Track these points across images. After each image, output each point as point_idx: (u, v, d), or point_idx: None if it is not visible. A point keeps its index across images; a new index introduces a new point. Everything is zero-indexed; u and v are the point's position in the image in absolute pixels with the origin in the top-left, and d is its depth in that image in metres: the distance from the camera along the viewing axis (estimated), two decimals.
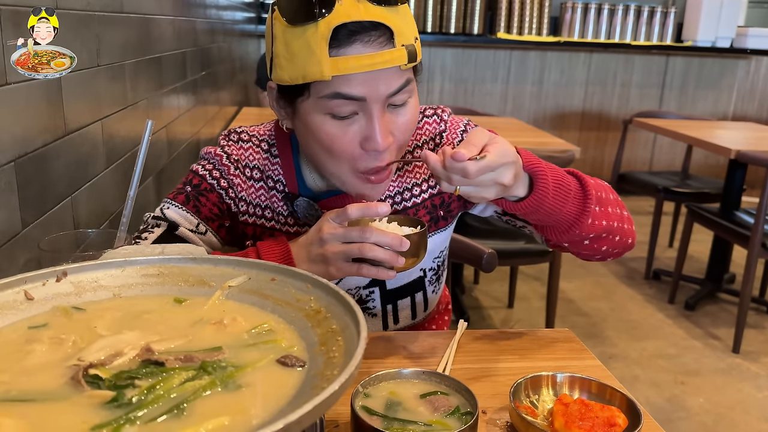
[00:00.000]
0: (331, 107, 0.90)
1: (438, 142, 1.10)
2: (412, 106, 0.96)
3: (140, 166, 0.86)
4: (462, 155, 0.82)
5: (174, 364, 0.57)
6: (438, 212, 1.12)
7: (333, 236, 0.88)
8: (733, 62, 5.28)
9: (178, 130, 2.18)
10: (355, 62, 0.87)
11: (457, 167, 0.83)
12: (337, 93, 0.89)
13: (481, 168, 0.83)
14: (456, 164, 0.83)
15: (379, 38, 0.88)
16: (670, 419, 2.35)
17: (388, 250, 0.86)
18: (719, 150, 3.01)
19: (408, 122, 0.96)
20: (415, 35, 0.93)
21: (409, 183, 1.10)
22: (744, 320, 2.85)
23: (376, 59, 0.87)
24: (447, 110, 1.15)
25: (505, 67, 5.08)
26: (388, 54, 0.88)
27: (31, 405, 0.52)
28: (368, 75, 0.88)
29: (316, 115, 0.92)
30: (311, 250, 0.90)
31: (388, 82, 0.90)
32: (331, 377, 0.52)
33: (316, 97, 0.91)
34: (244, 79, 4.02)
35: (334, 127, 0.92)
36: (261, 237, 1.09)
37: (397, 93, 0.91)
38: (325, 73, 0.87)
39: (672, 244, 4.16)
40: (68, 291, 0.70)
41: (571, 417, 0.74)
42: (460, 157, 0.82)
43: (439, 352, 0.97)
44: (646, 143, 5.38)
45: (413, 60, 0.91)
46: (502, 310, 3.21)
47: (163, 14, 1.94)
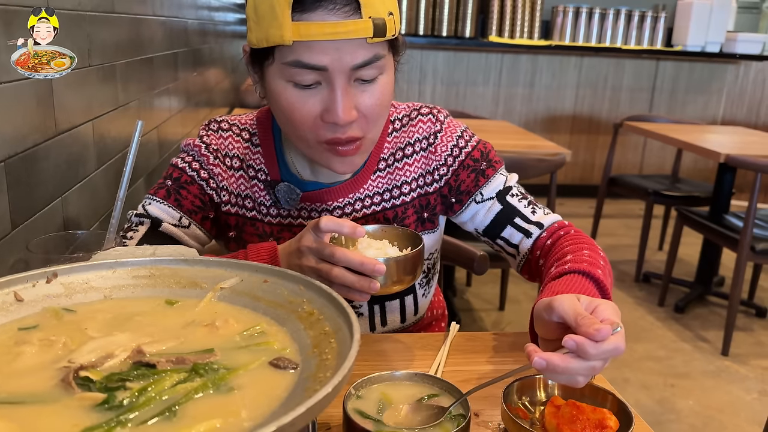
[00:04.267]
0: (293, 75, 0.89)
1: (431, 142, 1.10)
2: (383, 84, 0.93)
3: (130, 167, 0.85)
4: (607, 331, 0.69)
5: (165, 366, 0.57)
6: (424, 213, 1.11)
7: (309, 250, 0.85)
8: (722, 67, 5.32)
9: (170, 131, 2.17)
10: (317, 29, 0.85)
11: (609, 349, 0.69)
12: (298, 61, 0.87)
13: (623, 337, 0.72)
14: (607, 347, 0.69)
15: (344, 7, 0.86)
16: (660, 421, 2.37)
17: (359, 274, 0.81)
18: (709, 154, 3.03)
19: (377, 100, 0.93)
20: (389, 10, 0.90)
21: (398, 180, 1.09)
22: (733, 323, 2.87)
23: (339, 28, 0.85)
24: (444, 111, 1.13)
25: (496, 71, 5.10)
26: (353, 24, 0.86)
27: (21, 407, 0.52)
28: (331, 44, 0.86)
29: (279, 81, 0.91)
30: (291, 259, 0.88)
31: (353, 53, 0.87)
32: (324, 379, 0.52)
33: (279, 62, 0.89)
34: (236, 80, 4.01)
35: (295, 96, 0.90)
36: (243, 227, 1.08)
37: (363, 67, 0.89)
38: (285, 37, 0.85)
39: (662, 247, 4.18)
40: (58, 292, 0.70)
41: (562, 419, 0.74)
42: (605, 334, 0.69)
43: (431, 355, 0.97)
44: (637, 147, 5.41)
45: (381, 34, 0.88)
46: (493, 312, 3.21)
47: (155, 15, 1.94)
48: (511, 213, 1.08)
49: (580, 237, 1.03)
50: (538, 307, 0.81)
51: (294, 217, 1.07)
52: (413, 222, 1.10)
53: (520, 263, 1.10)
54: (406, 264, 0.84)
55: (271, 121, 1.08)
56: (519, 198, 1.10)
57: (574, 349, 0.69)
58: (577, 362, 0.70)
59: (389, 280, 0.83)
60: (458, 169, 1.10)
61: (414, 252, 0.85)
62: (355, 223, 0.83)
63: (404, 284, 0.86)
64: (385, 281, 0.83)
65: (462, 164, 1.10)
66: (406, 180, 1.09)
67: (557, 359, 0.69)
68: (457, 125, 1.13)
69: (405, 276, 0.85)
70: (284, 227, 1.07)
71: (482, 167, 1.10)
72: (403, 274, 0.84)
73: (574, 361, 0.70)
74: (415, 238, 0.90)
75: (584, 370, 0.70)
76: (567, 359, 0.70)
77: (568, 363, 0.70)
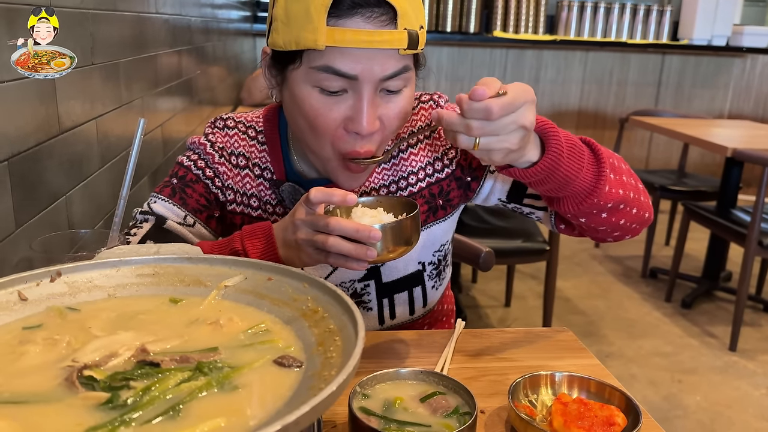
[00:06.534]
0: (321, 80, 0.88)
1: (434, 127, 1.09)
2: (406, 97, 0.93)
3: (132, 165, 0.85)
4: (483, 92, 0.76)
5: (169, 364, 0.57)
6: (437, 201, 1.09)
7: (303, 222, 0.83)
8: (729, 60, 5.29)
9: (174, 129, 2.17)
10: (352, 36, 0.84)
11: (479, 108, 0.76)
12: (328, 66, 0.86)
13: (503, 105, 0.77)
14: (476, 105, 0.76)
15: (381, 16, 0.85)
16: (667, 417, 2.35)
17: (355, 242, 0.80)
18: (715, 148, 3.01)
19: (399, 112, 0.93)
20: (421, 23, 0.90)
21: (404, 171, 1.07)
22: (741, 318, 2.85)
23: (374, 37, 0.84)
24: (444, 96, 1.12)
25: (501, 66, 5.08)
26: (389, 34, 0.85)
27: (25, 407, 0.51)
28: (364, 53, 0.85)
29: (305, 86, 0.90)
30: (286, 235, 0.86)
31: (385, 64, 0.87)
32: (329, 378, 0.51)
33: (307, 66, 0.88)
34: (240, 78, 4.01)
35: (321, 102, 0.89)
36: None
37: (392, 78, 0.89)
38: (319, 41, 0.84)
39: (668, 243, 4.16)
40: (62, 291, 0.70)
41: (569, 416, 0.74)
42: (481, 94, 0.76)
43: (436, 352, 0.96)
44: (643, 141, 5.38)
45: (414, 46, 0.88)
46: (499, 309, 3.21)
47: (158, 12, 1.93)
48: None
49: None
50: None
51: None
52: (424, 212, 1.09)
53: (552, 217, 1.07)
54: (402, 229, 0.82)
55: (278, 119, 1.07)
56: None
57: (457, 102, 0.79)
58: (457, 117, 0.79)
59: (386, 248, 0.81)
60: None
61: (409, 217, 0.83)
62: (345, 191, 0.81)
63: (401, 252, 0.84)
64: (382, 248, 0.81)
65: None
66: (412, 170, 1.08)
67: (444, 113, 0.81)
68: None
69: (401, 242, 0.83)
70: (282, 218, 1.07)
71: None
72: (399, 240, 0.82)
73: (455, 116, 0.79)
74: (410, 205, 0.88)
75: (460, 125, 0.79)
76: (451, 113, 0.80)
77: (450, 116, 0.80)
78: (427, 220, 1.09)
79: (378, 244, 0.80)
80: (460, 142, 0.81)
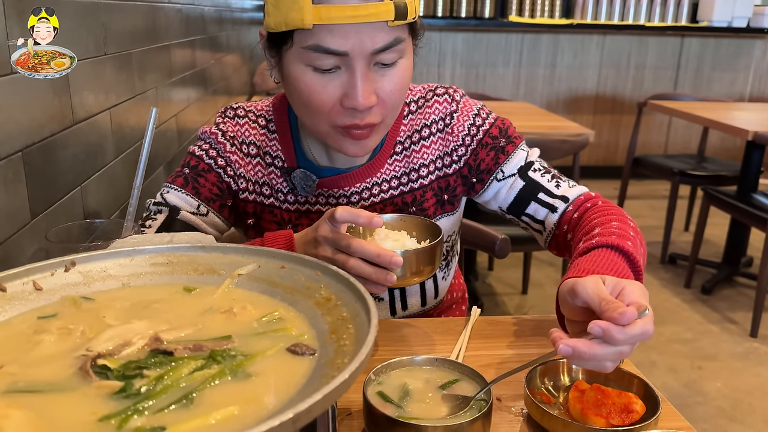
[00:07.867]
0: (312, 59, 0.88)
1: (448, 122, 1.08)
2: (403, 68, 0.92)
3: (146, 155, 0.85)
4: (633, 314, 0.67)
5: (183, 353, 0.57)
6: (443, 195, 1.10)
7: (325, 240, 0.84)
8: (749, 42, 5.18)
9: (188, 119, 2.18)
10: (338, 12, 0.84)
11: (637, 334, 0.67)
12: (318, 45, 0.86)
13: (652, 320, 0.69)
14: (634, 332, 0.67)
15: None
16: (687, 404, 2.33)
17: (376, 266, 0.80)
18: (736, 132, 2.96)
19: (396, 85, 0.92)
20: None
21: (416, 163, 1.08)
22: (762, 304, 2.81)
23: (360, 11, 0.84)
24: (460, 91, 1.12)
25: (517, 51, 5.03)
26: (374, 7, 0.84)
27: (39, 396, 0.52)
28: (352, 28, 0.85)
29: (298, 65, 0.90)
30: (307, 249, 0.87)
31: (374, 37, 0.86)
32: (342, 365, 0.51)
33: (298, 46, 0.88)
34: (254, 67, 4.01)
35: (314, 80, 0.89)
36: (261, 214, 1.08)
37: (384, 51, 0.88)
38: (306, 20, 0.84)
39: (688, 228, 4.11)
40: (77, 281, 0.70)
41: (587, 404, 0.73)
42: (630, 317, 0.67)
43: (452, 339, 0.95)
44: (661, 126, 5.31)
45: (402, 17, 0.87)
46: (515, 297, 3.19)
47: (171, 2, 1.93)
48: (535, 188, 1.06)
49: (608, 208, 1.00)
50: (563, 289, 0.79)
51: (312, 204, 1.06)
52: (432, 205, 1.09)
53: (547, 239, 1.08)
54: (424, 256, 0.82)
55: (287, 107, 1.07)
56: (542, 172, 1.07)
57: (599, 335, 0.67)
58: (604, 348, 0.68)
59: (407, 272, 0.82)
60: (477, 148, 1.08)
61: (432, 244, 0.84)
62: (372, 213, 0.82)
63: (422, 276, 0.84)
64: (403, 273, 0.81)
65: (480, 143, 1.08)
66: (423, 163, 1.08)
67: (583, 346, 0.68)
68: (473, 104, 1.11)
69: (423, 268, 0.83)
70: (302, 214, 1.07)
71: (501, 144, 1.08)
72: (420, 266, 0.83)
73: (601, 347, 0.68)
74: (434, 229, 0.89)
75: (611, 355, 0.68)
76: (593, 345, 0.68)
77: (595, 349, 0.68)
78: (435, 212, 1.09)
79: (398, 269, 0.80)
80: (608, 369, 0.71)
